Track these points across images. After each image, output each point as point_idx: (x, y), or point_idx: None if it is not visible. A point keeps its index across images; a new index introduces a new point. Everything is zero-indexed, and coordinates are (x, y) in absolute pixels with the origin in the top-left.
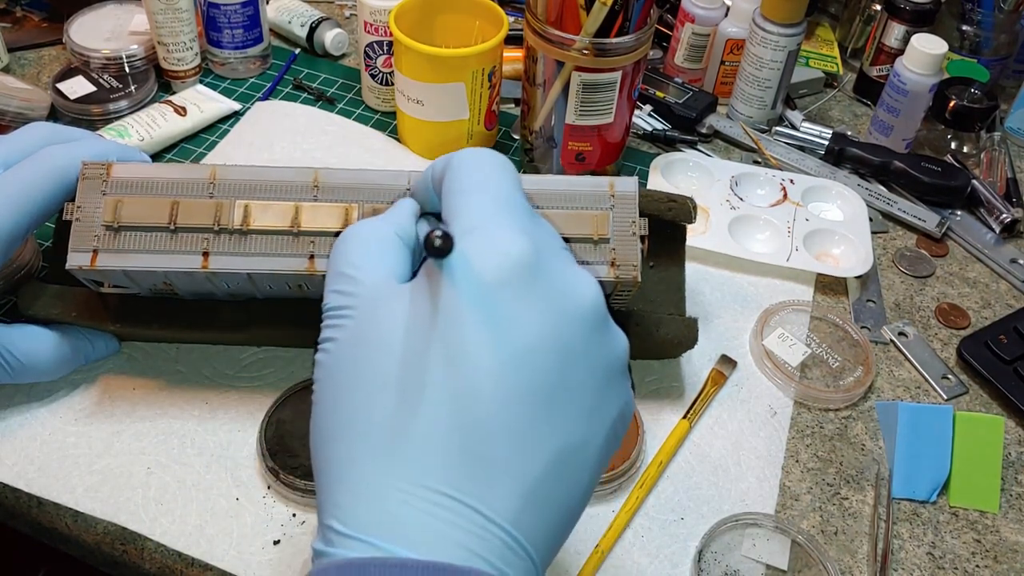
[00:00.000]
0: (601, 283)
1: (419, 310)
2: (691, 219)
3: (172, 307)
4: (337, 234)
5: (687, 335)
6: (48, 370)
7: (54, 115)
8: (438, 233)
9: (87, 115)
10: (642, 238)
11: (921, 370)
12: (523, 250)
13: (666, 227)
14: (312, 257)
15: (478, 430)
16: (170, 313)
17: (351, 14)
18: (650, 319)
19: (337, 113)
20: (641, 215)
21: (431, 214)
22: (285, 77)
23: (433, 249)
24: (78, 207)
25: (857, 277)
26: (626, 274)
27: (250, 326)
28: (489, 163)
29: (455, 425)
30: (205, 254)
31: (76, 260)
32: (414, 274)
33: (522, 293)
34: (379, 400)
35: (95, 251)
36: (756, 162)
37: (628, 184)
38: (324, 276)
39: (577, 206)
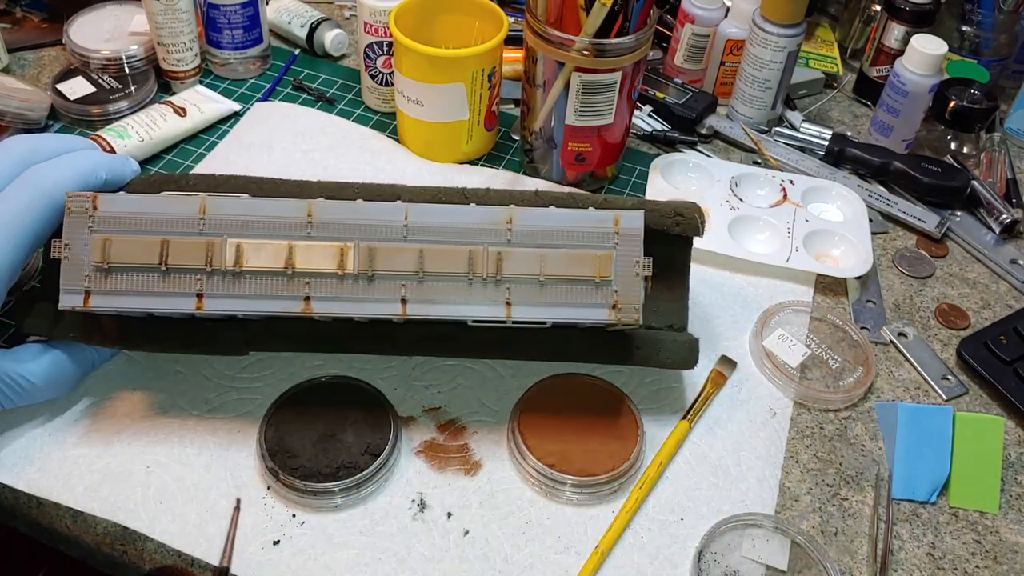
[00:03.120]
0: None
1: None
2: (699, 233)
3: (169, 328)
4: (334, 276)
5: (687, 358)
6: (58, 386)
7: (54, 116)
8: None
9: (87, 116)
10: (645, 278)
11: (921, 371)
12: None
13: (671, 238)
14: (308, 299)
15: None
16: (167, 334)
17: (351, 15)
18: (651, 343)
19: (337, 114)
20: (646, 230)
21: None
22: (285, 78)
23: None
24: (66, 244)
25: (857, 278)
26: (627, 317)
27: (248, 344)
28: None
29: None
30: (199, 295)
31: (69, 301)
32: None
33: None
34: None
35: (87, 292)
36: (756, 163)
37: (634, 220)
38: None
39: (579, 244)
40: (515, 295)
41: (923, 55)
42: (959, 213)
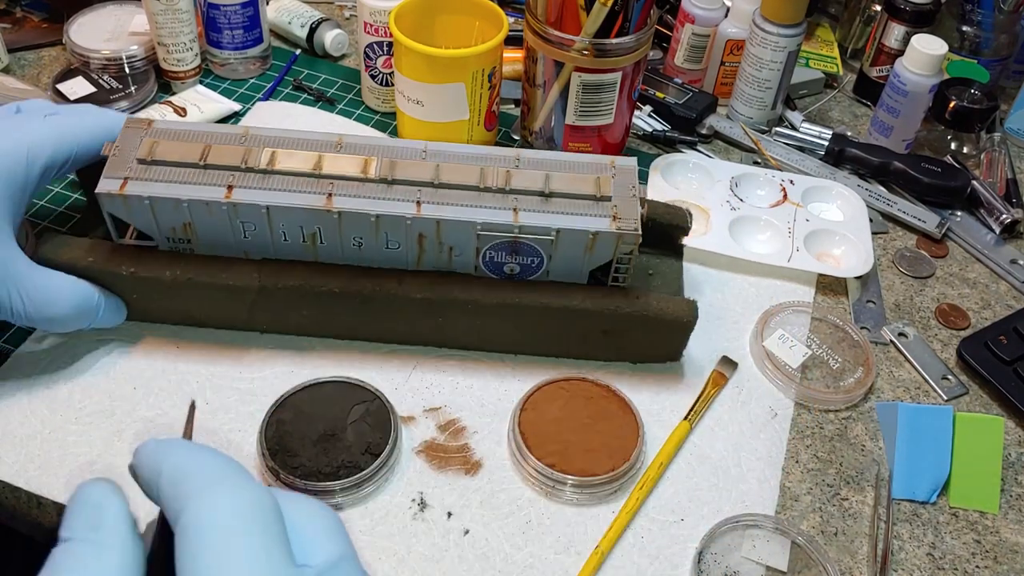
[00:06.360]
0: (603, 240)
1: None
2: (687, 225)
3: (184, 256)
4: (356, 180)
5: (686, 311)
6: (59, 318)
7: None
8: None
9: None
10: (641, 201)
11: (921, 371)
12: None
13: (665, 226)
14: (330, 195)
15: None
16: (182, 260)
17: (351, 15)
18: (648, 294)
19: (337, 114)
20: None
21: None
22: (285, 78)
23: None
24: (116, 146)
25: (857, 278)
26: (627, 226)
27: (259, 277)
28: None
29: None
30: (229, 187)
31: (106, 186)
32: None
33: None
34: None
35: (125, 179)
36: (756, 163)
37: (627, 160)
38: (338, 215)
39: (581, 171)
40: (522, 204)
41: (923, 55)
42: (959, 213)
